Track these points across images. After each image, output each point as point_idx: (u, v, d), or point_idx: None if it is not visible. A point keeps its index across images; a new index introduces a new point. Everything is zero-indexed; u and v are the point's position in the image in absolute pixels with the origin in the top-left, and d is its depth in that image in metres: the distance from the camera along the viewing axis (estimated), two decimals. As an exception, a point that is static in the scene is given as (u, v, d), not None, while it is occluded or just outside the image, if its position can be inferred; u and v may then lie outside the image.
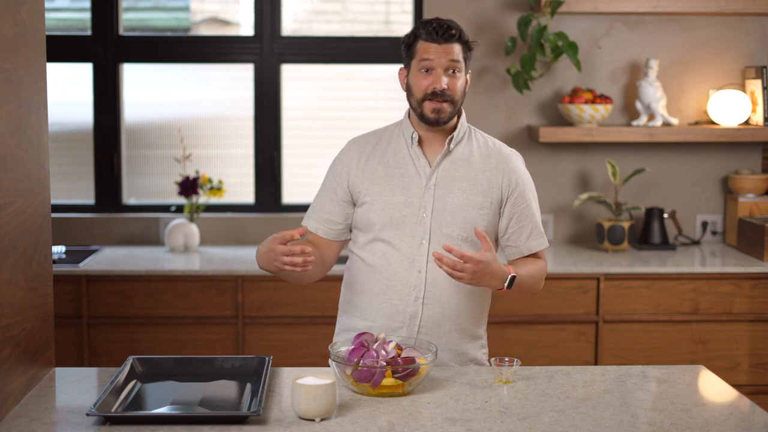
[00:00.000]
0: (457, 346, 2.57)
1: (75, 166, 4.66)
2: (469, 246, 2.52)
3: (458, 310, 2.54)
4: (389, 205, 2.52)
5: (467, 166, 2.54)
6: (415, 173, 2.53)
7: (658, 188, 4.55)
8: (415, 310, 2.51)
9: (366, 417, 2.11)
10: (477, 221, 2.52)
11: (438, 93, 2.47)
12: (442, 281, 2.51)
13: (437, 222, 2.50)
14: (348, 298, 2.63)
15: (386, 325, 2.53)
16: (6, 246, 2.17)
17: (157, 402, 2.21)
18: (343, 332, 2.63)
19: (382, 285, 2.53)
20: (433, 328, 2.53)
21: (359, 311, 2.58)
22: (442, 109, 2.48)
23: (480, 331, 2.63)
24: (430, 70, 2.48)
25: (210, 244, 4.52)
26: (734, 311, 4.03)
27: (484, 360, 2.65)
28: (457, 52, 2.48)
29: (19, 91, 2.27)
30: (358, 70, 4.65)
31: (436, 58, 2.47)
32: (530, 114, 4.50)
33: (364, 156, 2.57)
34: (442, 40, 2.47)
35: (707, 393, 2.38)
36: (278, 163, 4.60)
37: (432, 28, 2.48)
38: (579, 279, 3.99)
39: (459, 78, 2.49)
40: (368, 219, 2.54)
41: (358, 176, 2.56)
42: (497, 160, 2.57)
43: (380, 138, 2.60)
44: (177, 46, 4.59)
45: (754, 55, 4.49)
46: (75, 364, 3.93)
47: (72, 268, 3.95)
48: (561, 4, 4.14)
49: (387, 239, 2.52)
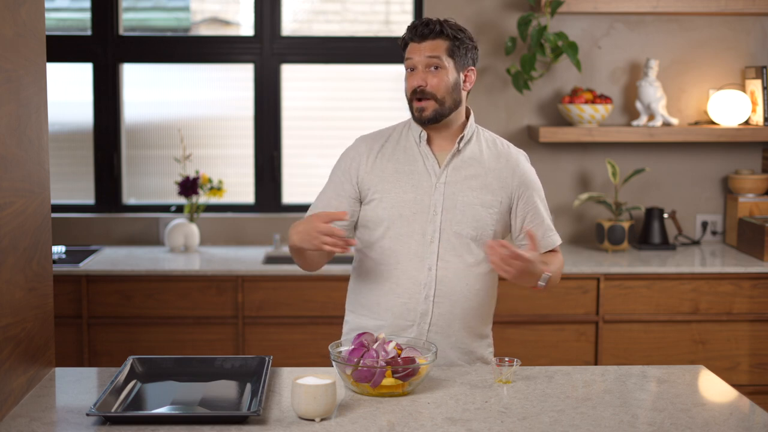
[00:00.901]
0: (466, 345, 2.56)
1: (75, 166, 4.66)
2: (478, 245, 2.52)
3: (467, 308, 2.53)
4: (399, 202, 2.51)
5: (477, 166, 2.54)
6: (424, 171, 2.53)
7: (658, 188, 4.55)
8: (425, 309, 2.51)
9: (366, 417, 2.11)
10: (486, 220, 2.52)
11: (418, 91, 2.47)
12: (451, 279, 2.51)
13: (447, 220, 2.50)
14: (356, 297, 2.61)
15: (396, 323, 2.52)
16: (6, 246, 2.17)
17: (157, 402, 2.21)
18: (351, 332, 2.61)
19: (392, 283, 2.52)
20: (443, 326, 2.52)
21: (368, 310, 2.57)
22: (423, 108, 2.47)
23: (487, 330, 2.63)
24: (413, 69, 2.49)
25: (210, 244, 4.52)
26: (734, 311, 4.03)
27: (490, 359, 2.64)
28: (438, 47, 2.46)
29: (19, 91, 2.27)
30: (358, 70, 4.65)
31: (416, 57, 2.48)
32: (530, 114, 4.50)
33: (374, 153, 2.56)
34: (421, 37, 2.47)
35: (707, 393, 2.38)
36: (278, 163, 4.60)
37: (413, 26, 2.49)
38: (579, 279, 3.99)
39: (442, 75, 2.47)
40: (377, 216, 2.52)
41: (368, 172, 2.54)
42: (507, 160, 2.57)
43: (389, 136, 2.60)
44: (177, 46, 4.60)
45: (754, 55, 4.49)
46: (75, 364, 3.93)
47: (72, 268, 3.95)
48: (561, 4, 4.14)
49: (396, 236, 2.51)
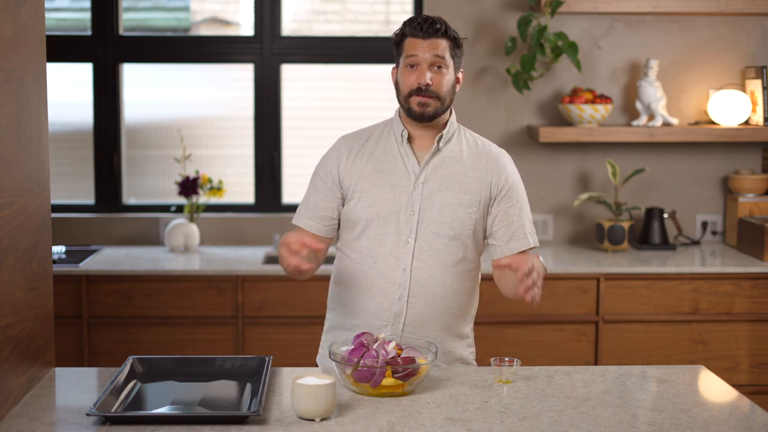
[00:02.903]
0: (443, 345, 2.55)
1: (75, 166, 4.66)
2: (456, 244, 2.51)
3: (443, 309, 2.53)
4: (377, 201, 2.51)
5: (456, 165, 2.54)
6: (404, 170, 2.53)
7: (658, 188, 4.55)
8: (399, 309, 2.51)
9: (366, 417, 2.11)
10: (465, 220, 2.51)
11: (422, 88, 2.47)
12: (427, 280, 2.50)
13: (424, 220, 2.50)
14: (335, 295, 2.63)
15: (371, 323, 2.53)
16: (6, 246, 2.17)
17: (157, 402, 2.21)
18: (331, 330, 2.63)
19: (368, 283, 2.53)
20: (417, 326, 2.52)
21: (346, 309, 2.58)
22: (427, 104, 2.47)
23: (466, 330, 2.62)
24: (415, 66, 2.49)
25: (210, 244, 4.51)
26: (734, 311, 4.03)
27: (471, 359, 2.64)
28: (442, 47, 2.47)
29: (19, 91, 2.27)
30: (358, 70, 4.65)
31: (421, 54, 2.47)
32: (530, 114, 4.50)
33: (354, 152, 2.57)
34: (427, 35, 2.47)
35: (707, 393, 2.38)
36: (278, 163, 4.60)
37: (417, 23, 2.48)
38: (579, 279, 3.99)
39: (444, 74, 2.48)
40: (355, 215, 2.53)
41: (347, 172, 2.55)
42: (486, 159, 2.56)
43: (370, 135, 2.60)
44: (177, 46, 4.59)
45: (754, 55, 4.49)
46: (75, 364, 3.93)
47: (72, 268, 3.95)
48: (561, 4, 4.14)
49: (373, 236, 2.51)
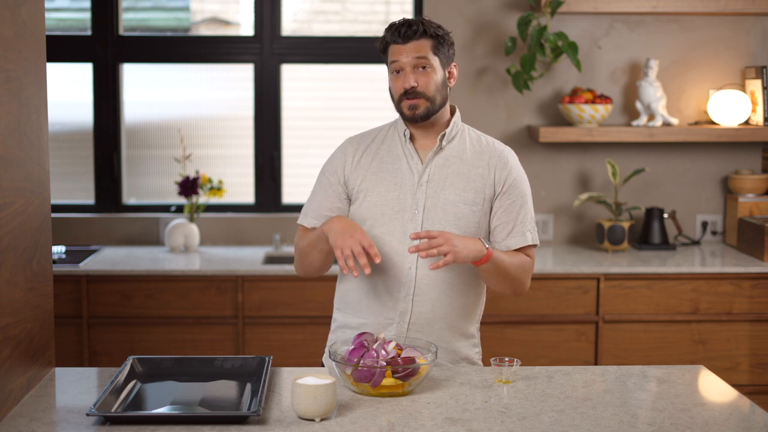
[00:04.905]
0: (448, 344, 2.55)
1: (75, 166, 4.66)
2: None
3: (449, 308, 2.53)
4: (381, 201, 2.52)
5: (459, 163, 2.54)
6: (407, 170, 2.54)
7: (658, 188, 4.55)
8: (405, 307, 2.51)
9: (366, 417, 2.11)
10: (469, 218, 2.51)
11: (409, 92, 2.48)
12: (433, 278, 2.50)
13: (429, 219, 2.50)
14: (341, 295, 2.63)
15: (377, 321, 2.53)
16: (6, 246, 2.17)
17: (157, 402, 2.21)
18: (337, 330, 2.63)
19: (373, 282, 2.53)
20: (423, 325, 2.52)
21: (351, 308, 2.59)
22: (416, 106, 2.48)
23: (472, 330, 2.62)
24: (400, 71, 2.50)
25: (210, 244, 4.51)
26: (734, 311, 4.03)
27: (476, 359, 2.63)
28: (423, 47, 2.48)
29: (19, 91, 2.27)
30: (358, 70, 4.65)
31: (403, 58, 2.48)
32: (530, 114, 4.50)
33: (359, 153, 2.59)
34: (405, 39, 2.48)
35: (707, 393, 2.38)
36: (278, 163, 4.60)
37: (395, 29, 2.49)
38: (579, 279, 3.99)
39: (430, 74, 2.48)
40: (361, 214, 2.54)
41: (352, 172, 2.57)
42: (490, 156, 2.56)
43: (375, 136, 2.62)
44: (177, 46, 4.59)
45: (754, 55, 4.49)
46: (75, 364, 3.93)
47: (72, 268, 3.95)
48: (561, 4, 4.14)
49: (379, 235, 2.51)
